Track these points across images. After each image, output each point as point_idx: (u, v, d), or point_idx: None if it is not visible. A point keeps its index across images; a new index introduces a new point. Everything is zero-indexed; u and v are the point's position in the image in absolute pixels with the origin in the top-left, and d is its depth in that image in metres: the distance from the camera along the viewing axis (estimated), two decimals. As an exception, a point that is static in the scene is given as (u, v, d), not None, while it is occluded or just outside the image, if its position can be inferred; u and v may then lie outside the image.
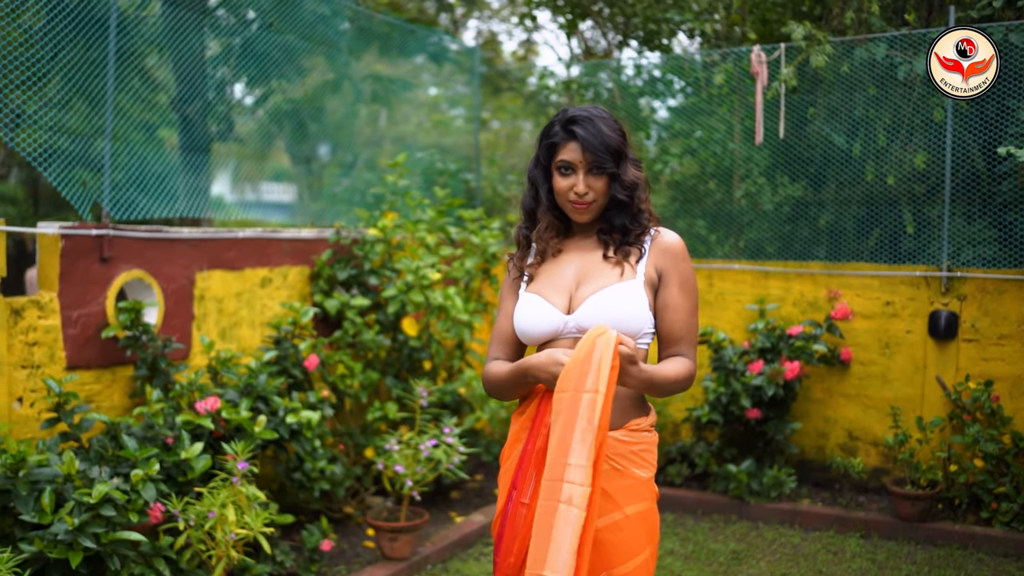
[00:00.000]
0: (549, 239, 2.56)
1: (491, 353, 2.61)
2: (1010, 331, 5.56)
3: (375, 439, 5.28)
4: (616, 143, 2.44)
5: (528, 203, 2.59)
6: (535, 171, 2.56)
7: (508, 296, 2.61)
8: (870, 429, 6.01)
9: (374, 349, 5.45)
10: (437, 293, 5.35)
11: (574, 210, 2.48)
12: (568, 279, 2.48)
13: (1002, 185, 5.71)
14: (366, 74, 7.79)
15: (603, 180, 2.46)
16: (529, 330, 2.45)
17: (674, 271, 2.52)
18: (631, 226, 2.51)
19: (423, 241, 5.73)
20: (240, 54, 6.59)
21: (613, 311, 2.39)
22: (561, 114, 2.51)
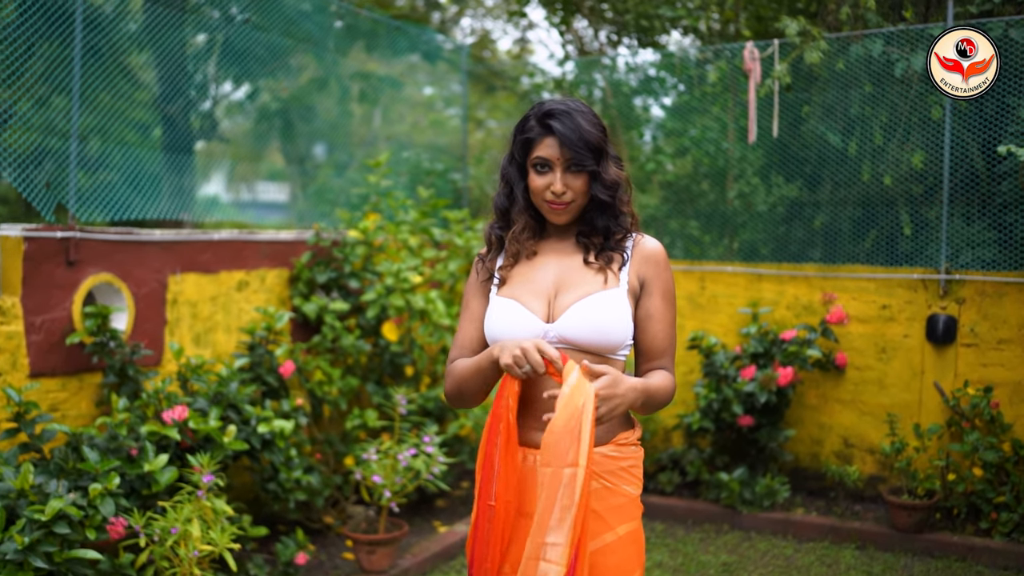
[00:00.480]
0: (524, 241, 2.39)
1: (452, 357, 2.45)
2: (1010, 335, 5.40)
3: (355, 447, 5.11)
4: (596, 139, 2.27)
5: (501, 202, 2.41)
6: (509, 168, 2.39)
7: (475, 299, 2.45)
8: (866, 436, 5.85)
9: (354, 354, 5.28)
10: (419, 297, 5.19)
11: (551, 211, 2.32)
12: (547, 284, 2.32)
13: (1002, 185, 5.55)
14: (353, 72, 7.64)
15: (582, 179, 2.29)
16: (505, 338, 2.28)
17: (657, 280, 2.37)
18: (614, 229, 2.36)
19: (405, 243, 5.57)
20: (222, 52, 6.44)
21: (597, 321, 2.24)
22: (537, 107, 2.35)
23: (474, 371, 2.30)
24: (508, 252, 2.40)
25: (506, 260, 2.40)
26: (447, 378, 2.42)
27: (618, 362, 2.32)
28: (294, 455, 4.58)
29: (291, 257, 5.56)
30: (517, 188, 2.38)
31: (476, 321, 2.43)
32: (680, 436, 6.29)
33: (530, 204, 2.38)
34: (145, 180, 5.26)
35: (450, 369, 2.41)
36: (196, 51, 6.43)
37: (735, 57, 6.52)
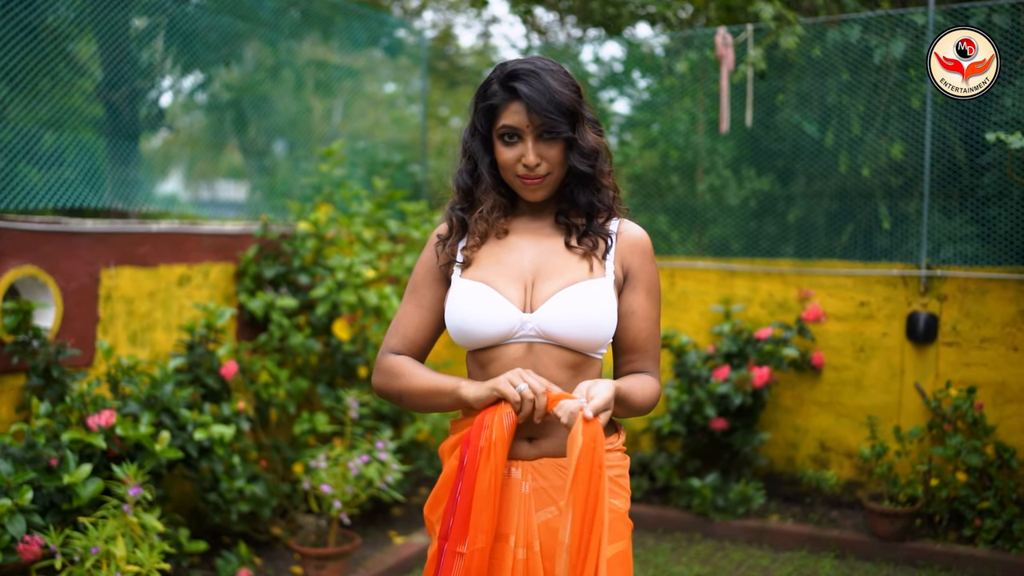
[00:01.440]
0: (495, 219, 2.08)
1: (389, 344, 2.13)
2: (993, 334, 5.17)
3: (304, 453, 4.77)
4: (569, 100, 1.98)
5: (464, 181, 2.10)
6: (472, 142, 2.08)
7: (428, 284, 2.12)
8: (843, 439, 5.59)
9: (303, 354, 4.93)
10: (372, 293, 4.86)
11: (524, 187, 2.02)
12: (522, 268, 2.03)
13: (984, 177, 5.32)
14: (308, 60, 7.29)
15: (557, 147, 2.00)
16: (473, 327, 1.99)
17: (642, 272, 2.09)
18: (597, 206, 2.07)
19: (359, 236, 5.23)
20: (167, 34, 6.08)
21: (584, 314, 1.96)
22: (499, 69, 2.04)
23: (428, 393, 2.02)
24: (474, 232, 2.08)
25: (471, 240, 2.09)
26: (381, 372, 2.11)
27: (596, 362, 2.04)
28: (237, 463, 4.23)
29: (237, 251, 5.20)
30: (482, 164, 2.07)
31: (426, 310, 2.12)
32: (649, 440, 6.01)
33: (499, 181, 2.08)
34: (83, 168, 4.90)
35: (390, 365, 2.09)
36: (139, 33, 6.06)
37: (705, 46, 6.26)
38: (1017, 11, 5.10)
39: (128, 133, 5.82)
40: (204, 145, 6.85)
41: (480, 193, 2.08)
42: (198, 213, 7.12)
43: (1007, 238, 5.21)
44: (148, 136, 6.47)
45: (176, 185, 7.15)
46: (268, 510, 4.55)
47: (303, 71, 7.20)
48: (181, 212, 5.79)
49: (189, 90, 6.88)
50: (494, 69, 2.07)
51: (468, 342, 2.02)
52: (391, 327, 2.17)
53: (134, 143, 5.95)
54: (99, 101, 5.81)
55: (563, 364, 1.98)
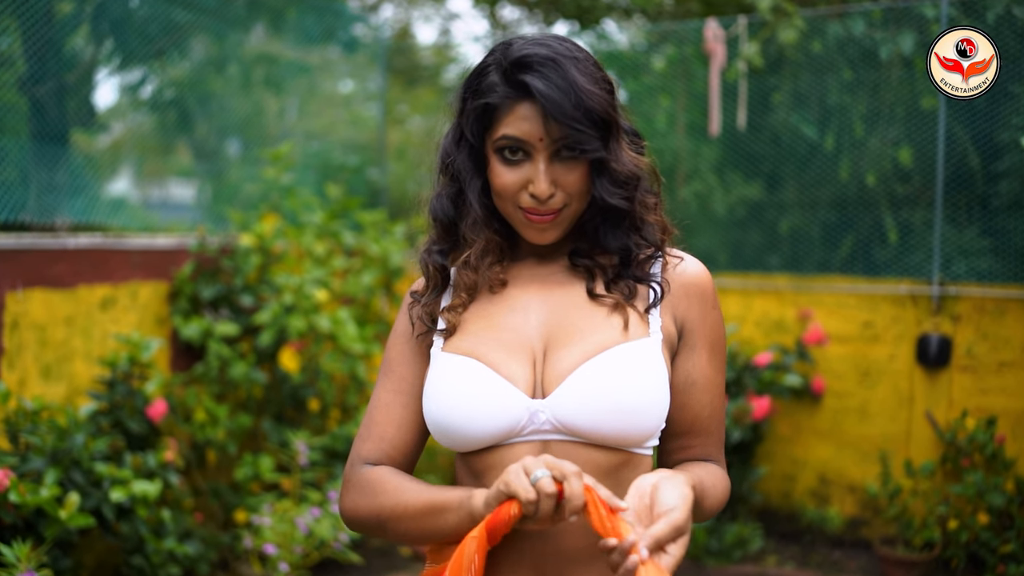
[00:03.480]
0: (488, 266, 1.50)
1: (361, 451, 1.52)
2: (1013, 358, 4.69)
3: (247, 499, 4.18)
4: (602, 103, 1.39)
5: (443, 211, 1.51)
6: (457, 155, 1.49)
7: (408, 361, 1.54)
8: (845, 472, 5.09)
9: (246, 386, 4.33)
10: (324, 317, 4.26)
11: (528, 224, 1.45)
12: (529, 333, 1.45)
13: (999, 185, 4.85)
14: (258, 55, 6.69)
15: (580, 170, 1.42)
16: (461, 422, 1.40)
17: (703, 324, 1.51)
18: (634, 249, 1.49)
19: (310, 251, 4.64)
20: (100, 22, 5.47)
21: (620, 395, 1.37)
22: (500, 52, 1.44)
23: (425, 512, 1.39)
24: (459, 285, 1.50)
25: (456, 297, 1.50)
26: (353, 490, 1.49)
27: (643, 460, 1.44)
28: (167, 518, 3.62)
29: (171, 268, 4.58)
30: (470, 188, 1.48)
31: (406, 396, 1.52)
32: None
33: (492, 212, 1.50)
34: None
35: (365, 481, 1.47)
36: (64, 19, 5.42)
37: (686, 41, 5.74)
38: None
39: (54, 134, 5.18)
40: (150, 146, 6.28)
41: (466, 229, 1.49)
42: (148, 216, 6.53)
43: (1023, 253, 4.75)
44: (91, 136, 5.86)
45: (126, 186, 6.59)
46: (206, 565, 3.94)
47: (253, 66, 6.61)
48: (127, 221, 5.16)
49: (128, 86, 6.26)
50: (492, 50, 1.46)
51: (455, 443, 1.43)
52: (363, 425, 1.55)
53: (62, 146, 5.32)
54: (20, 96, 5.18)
55: (596, 469, 1.39)
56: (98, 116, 5.99)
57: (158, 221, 6.43)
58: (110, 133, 6.16)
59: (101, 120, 5.97)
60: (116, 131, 6.26)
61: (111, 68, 6.06)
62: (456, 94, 1.50)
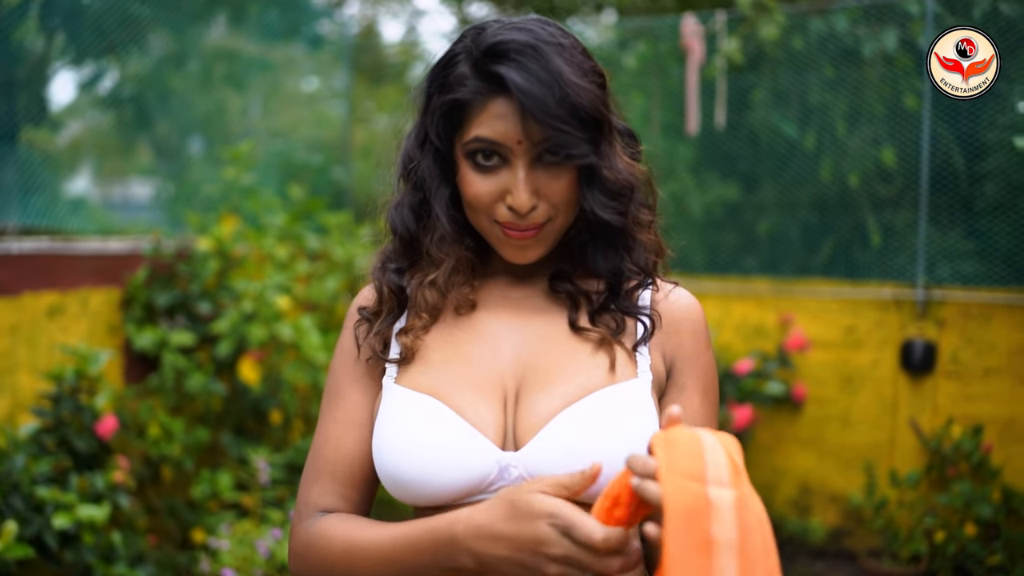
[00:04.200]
0: (457, 286, 1.29)
1: (311, 496, 1.29)
2: (999, 364, 4.56)
3: (205, 517, 3.95)
4: (592, 99, 1.18)
5: (404, 223, 1.30)
6: (421, 159, 1.28)
7: (355, 384, 1.31)
8: (828, 481, 4.94)
9: (204, 398, 4.10)
10: (286, 326, 4.04)
11: (506, 241, 1.24)
12: (500, 368, 1.25)
13: (984, 187, 4.72)
14: (219, 50, 6.45)
15: (566, 177, 1.21)
16: (417, 475, 1.18)
17: (695, 366, 1.31)
18: (626, 272, 1.29)
19: (271, 254, 4.41)
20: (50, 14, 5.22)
21: (606, 448, 1.16)
22: (472, 37, 1.23)
23: (400, 555, 1.15)
24: (419, 303, 1.29)
25: (415, 317, 1.29)
26: (304, 552, 1.25)
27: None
28: (117, 542, 3.39)
29: (124, 273, 4.34)
30: (436, 198, 1.28)
31: (359, 427, 1.29)
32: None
33: (463, 226, 1.29)
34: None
35: (316, 538, 1.24)
36: (10, 10, 5.16)
37: (660, 37, 5.57)
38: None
39: (2, 131, 4.93)
40: (109, 144, 6.04)
41: (431, 245, 1.28)
42: (108, 216, 6.28)
43: (1009, 255, 4.62)
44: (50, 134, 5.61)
45: (86, 185, 6.34)
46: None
47: (214, 63, 6.38)
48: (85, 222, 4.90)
49: (84, 82, 6.01)
50: (462, 36, 1.25)
51: (410, 497, 1.21)
52: (309, 465, 1.32)
53: (10, 144, 5.06)
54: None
55: None
56: (52, 113, 5.74)
57: (119, 222, 6.19)
58: (69, 130, 5.93)
59: (56, 117, 5.72)
60: (75, 129, 6.04)
61: (64, 62, 5.80)
62: (420, 88, 1.29)
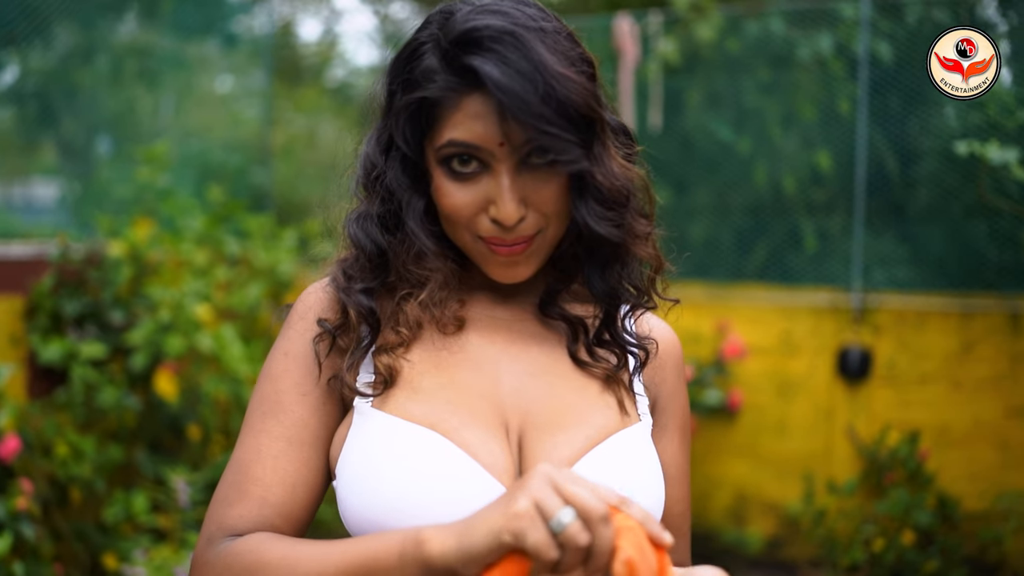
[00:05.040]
0: (443, 302, 1.12)
1: (226, 520, 1.06)
2: (934, 370, 4.55)
3: (119, 541, 3.69)
4: (581, 93, 1.01)
5: (372, 239, 1.12)
6: (387, 167, 1.11)
7: (304, 398, 1.11)
8: (763, 490, 4.88)
9: (116, 414, 3.83)
10: (206, 336, 3.80)
11: (491, 257, 1.09)
12: (500, 402, 1.09)
13: (917, 192, 4.72)
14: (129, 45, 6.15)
15: (556, 182, 1.05)
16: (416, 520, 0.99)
17: (675, 404, 1.22)
18: (623, 294, 1.14)
19: (189, 260, 4.16)
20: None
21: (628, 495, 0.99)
22: (439, 23, 1.06)
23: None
24: (400, 319, 1.11)
25: (390, 334, 1.11)
26: (215, 568, 1.02)
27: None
28: (19, 574, 3.12)
29: (28, 280, 4.04)
30: (410, 212, 1.11)
31: (304, 448, 1.09)
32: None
33: (443, 238, 1.13)
34: None
35: (235, 557, 1.01)
36: None
37: (592, 38, 5.47)
38: (956, 5, 4.52)
39: None
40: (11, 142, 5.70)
41: (408, 263, 1.11)
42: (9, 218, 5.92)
43: (941, 261, 4.63)
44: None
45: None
46: (68, 620, 3.45)
47: (125, 58, 6.08)
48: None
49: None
50: (427, 21, 1.08)
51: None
52: (227, 484, 1.09)
53: None
54: None
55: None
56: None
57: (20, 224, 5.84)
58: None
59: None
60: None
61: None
62: (380, 83, 1.12)
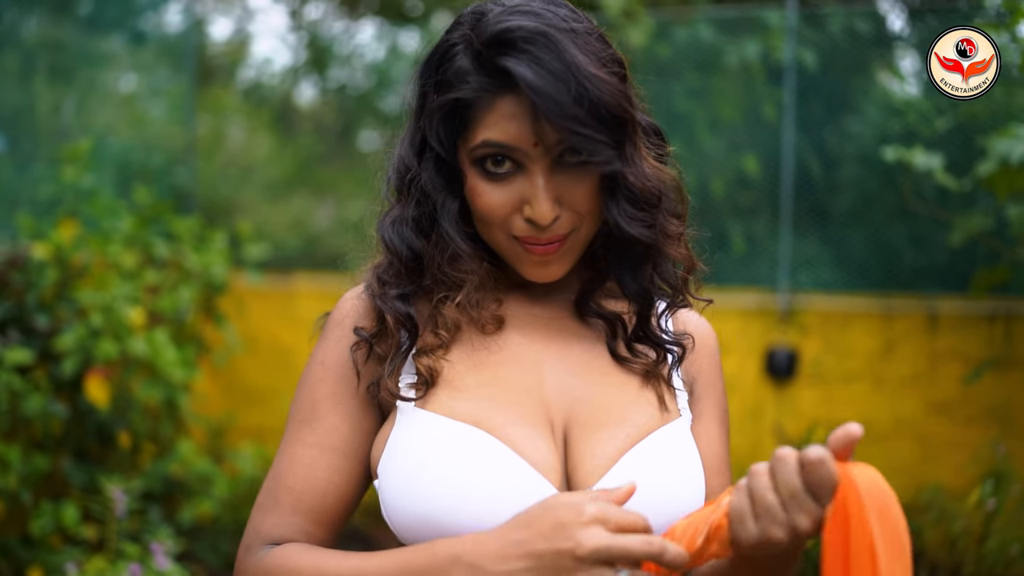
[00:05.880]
0: (481, 302, 1.12)
1: (262, 528, 1.09)
2: (858, 369, 4.69)
3: (45, 555, 3.56)
4: (614, 94, 1.02)
5: (408, 242, 1.12)
6: (421, 169, 1.12)
7: (340, 406, 1.12)
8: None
9: (42, 422, 3.69)
10: (139, 340, 3.69)
11: (525, 256, 1.09)
12: (544, 400, 1.10)
13: (841, 196, 4.86)
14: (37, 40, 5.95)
15: (589, 182, 1.06)
16: (465, 522, 1.00)
17: (713, 392, 1.23)
18: (655, 293, 1.16)
19: (117, 263, 4.04)
20: None
21: (674, 491, 1.06)
22: (470, 23, 1.07)
23: None
24: (439, 322, 1.12)
25: (429, 336, 1.11)
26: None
27: None
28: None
29: (-56, 283, 3.87)
30: (445, 214, 1.11)
31: (338, 455, 1.11)
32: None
33: (478, 240, 1.13)
34: None
35: (271, 563, 1.04)
36: None
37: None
38: (874, 17, 4.69)
39: None
40: None
41: (444, 266, 1.12)
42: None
43: (863, 263, 4.78)
44: None
45: None
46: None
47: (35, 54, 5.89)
48: None
49: None
50: (458, 22, 1.09)
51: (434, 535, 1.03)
52: (265, 492, 1.12)
53: None
54: None
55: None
56: None
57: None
58: None
59: None
60: None
61: None
62: (412, 85, 1.12)
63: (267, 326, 5.33)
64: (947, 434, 4.51)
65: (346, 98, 7.33)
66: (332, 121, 7.55)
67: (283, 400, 5.29)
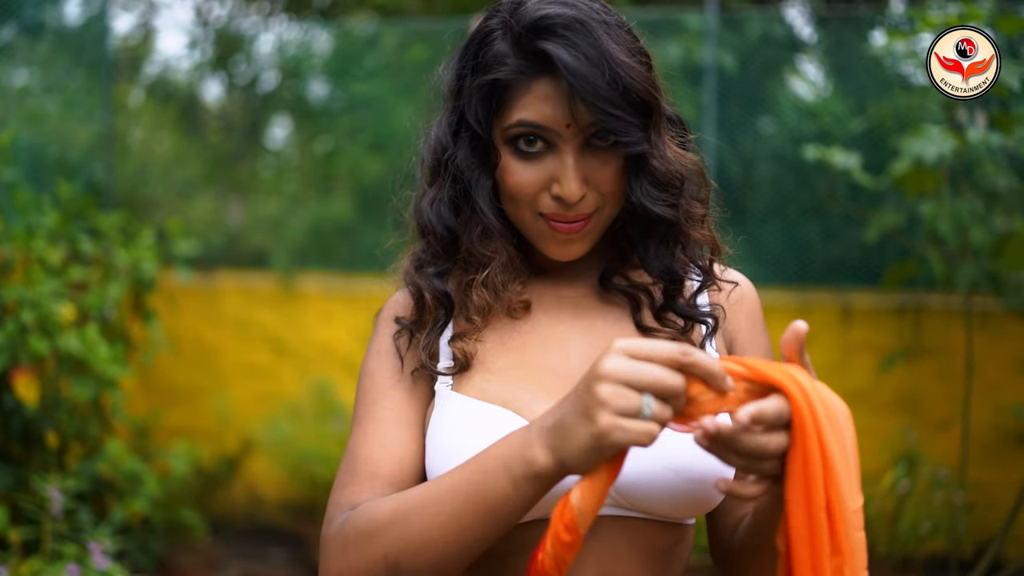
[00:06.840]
0: (506, 284, 1.18)
1: (342, 498, 1.11)
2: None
3: (-28, 559, 3.46)
4: (643, 81, 1.10)
5: (444, 220, 1.19)
6: (456, 149, 1.17)
7: (399, 384, 1.18)
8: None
9: (-33, 423, 3.60)
10: (72, 337, 3.63)
11: (551, 235, 1.16)
12: (569, 376, 1.15)
13: (757, 194, 5.05)
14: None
15: (615, 163, 1.13)
16: None
17: (755, 350, 1.29)
18: (679, 272, 1.21)
19: (43, 259, 3.94)
20: None
21: (696, 463, 1.09)
22: (509, 10, 1.13)
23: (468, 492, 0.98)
24: (466, 306, 1.18)
25: (465, 321, 1.18)
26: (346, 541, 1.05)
27: (689, 536, 1.20)
28: None
29: None
30: (479, 191, 1.17)
31: (404, 426, 1.15)
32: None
33: (505, 220, 1.19)
34: None
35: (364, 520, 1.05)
36: None
37: (442, 41, 5.55)
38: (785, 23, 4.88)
39: None
40: None
41: (475, 243, 1.18)
42: None
43: (779, 258, 4.97)
44: None
45: None
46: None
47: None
48: None
49: None
50: (496, 9, 1.16)
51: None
52: (342, 471, 1.15)
53: None
54: None
55: (650, 551, 1.13)
56: None
57: None
58: None
59: None
60: None
61: None
62: (450, 68, 1.19)
63: (191, 324, 5.26)
64: (861, 421, 4.67)
65: (254, 96, 7.26)
66: (240, 119, 7.46)
67: (208, 399, 5.23)
